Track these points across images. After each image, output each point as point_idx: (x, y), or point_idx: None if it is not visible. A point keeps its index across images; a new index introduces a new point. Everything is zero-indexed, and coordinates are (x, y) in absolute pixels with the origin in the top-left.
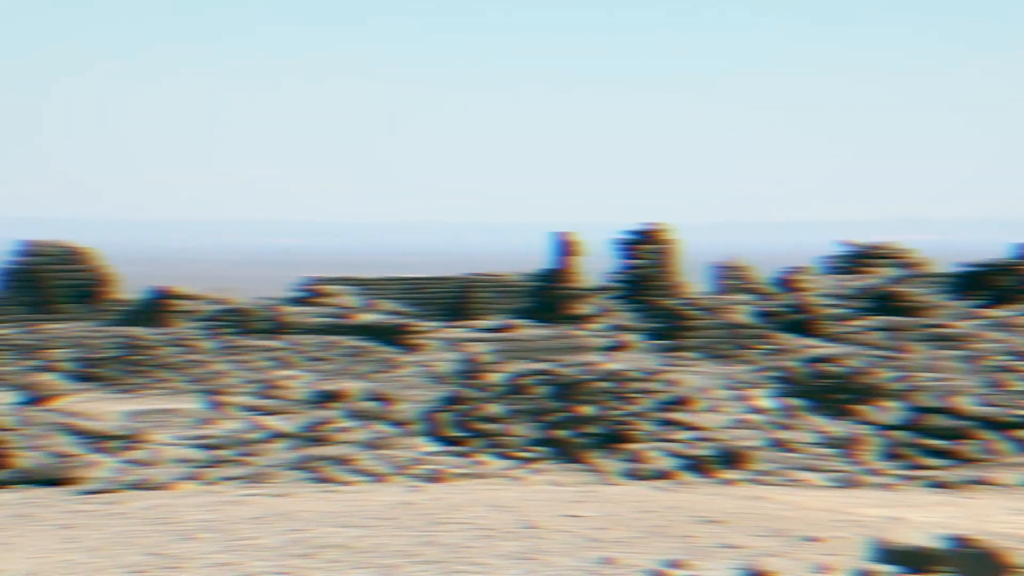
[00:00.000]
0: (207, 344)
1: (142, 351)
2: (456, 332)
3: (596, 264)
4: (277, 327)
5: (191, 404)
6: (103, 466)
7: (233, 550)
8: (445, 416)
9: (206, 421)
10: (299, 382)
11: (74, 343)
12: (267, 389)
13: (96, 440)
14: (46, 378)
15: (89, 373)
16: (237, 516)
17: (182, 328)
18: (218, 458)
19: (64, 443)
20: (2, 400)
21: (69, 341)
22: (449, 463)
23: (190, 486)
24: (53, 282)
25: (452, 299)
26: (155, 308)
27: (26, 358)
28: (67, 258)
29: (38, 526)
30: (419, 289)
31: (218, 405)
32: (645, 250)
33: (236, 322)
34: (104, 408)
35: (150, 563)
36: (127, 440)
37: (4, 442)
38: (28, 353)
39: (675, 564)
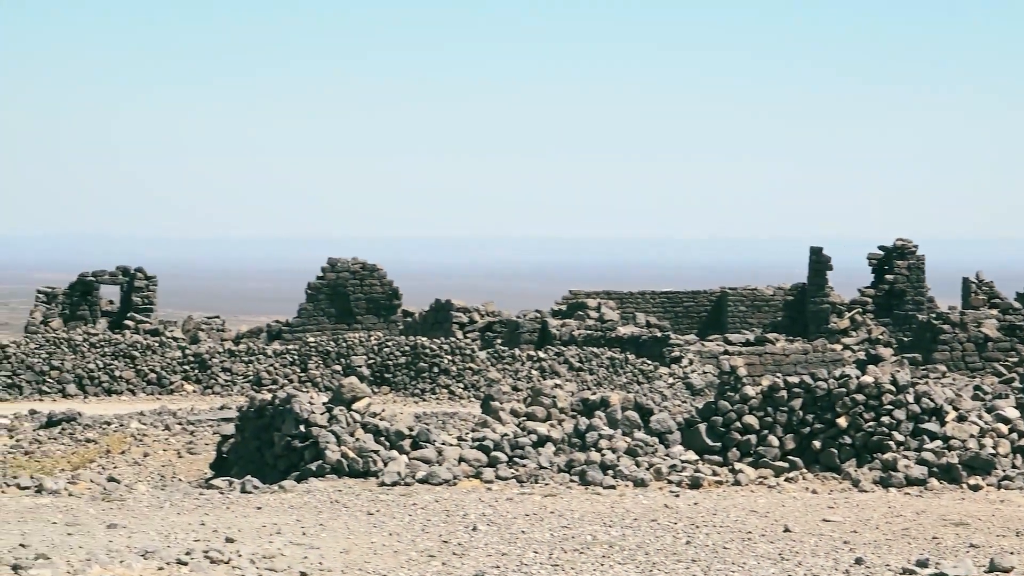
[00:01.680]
0: (481, 353)
1: (426, 359)
2: (712, 345)
3: (851, 279)
4: (543, 338)
5: (469, 409)
6: (398, 462)
7: (510, 542)
8: (703, 426)
9: (482, 425)
10: (564, 391)
11: (370, 351)
12: (535, 397)
13: (391, 439)
14: (349, 381)
15: (384, 378)
16: (512, 512)
17: (460, 338)
18: (494, 459)
19: (366, 440)
20: (315, 401)
21: (367, 349)
22: (707, 471)
23: (470, 483)
24: (353, 295)
25: (708, 312)
26: (437, 319)
27: (333, 363)
28: (364, 273)
29: (347, 511)
30: (676, 302)
31: (492, 410)
32: (897, 265)
33: (506, 333)
34: (397, 410)
35: (441, 548)
36: (416, 440)
37: (318, 438)
38: (334, 359)
39: (923, 563)
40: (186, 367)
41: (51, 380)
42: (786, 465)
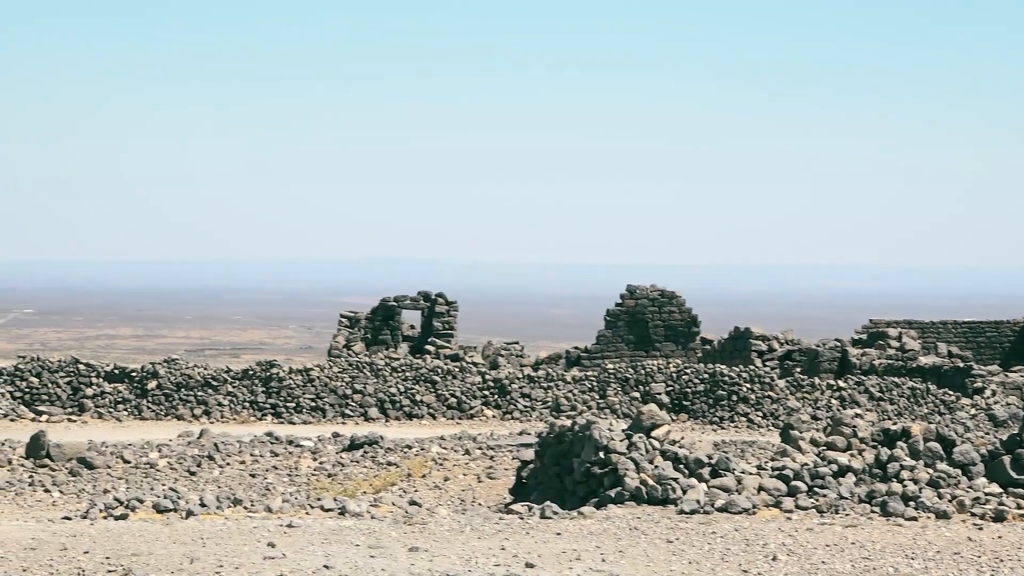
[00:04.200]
0: (780, 382)
1: (725, 387)
2: (1016, 376)
3: None
4: (843, 367)
5: (768, 437)
6: (697, 490)
7: (810, 573)
8: (1007, 458)
9: (782, 454)
10: (864, 421)
11: (669, 378)
12: (835, 426)
13: (690, 467)
14: (648, 408)
15: (682, 405)
16: (813, 543)
17: (759, 366)
18: (794, 488)
19: (665, 468)
20: (614, 427)
21: (665, 376)
22: (1011, 504)
23: (770, 513)
24: (651, 322)
25: (1011, 343)
26: (736, 347)
27: (631, 390)
28: (662, 300)
29: (646, 539)
30: (978, 332)
31: (792, 439)
32: None
33: (805, 361)
34: (695, 438)
35: None
36: (715, 468)
37: (617, 464)
38: (633, 386)
39: None
40: (486, 392)
41: (353, 404)
42: None
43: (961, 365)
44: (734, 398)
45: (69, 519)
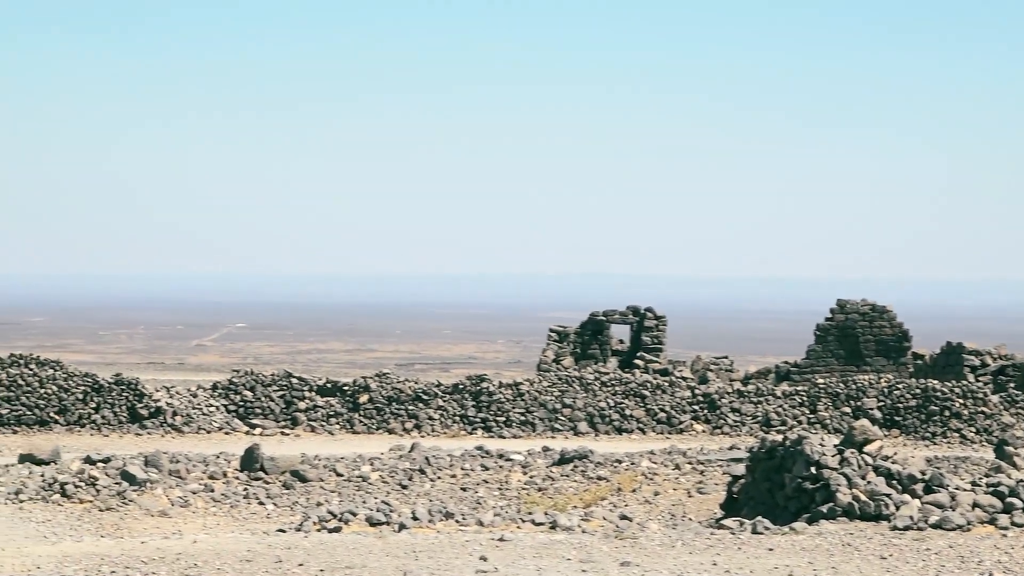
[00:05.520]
0: (994, 397)
1: (937, 402)
2: None
3: None
4: None
5: (982, 453)
6: (910, 506)
7: None
8: None
9: (996, 470)
10: None
11: (881, 393)
12: None
13: (903, 482)
14: (860, 424)
15: (894, 420)
16: None
17: (972, 382)
18: (1009, 505)
19: (877, 483)
20: (826, 442)
21: (877, 391)
22: None
23: (985, 529)
24: (862, 336)
25: None
26: (948, 362)
27: (842, 405)
28: (873, 315)
29: (859, 555)
30: None
31: (1006, 455)
32: None
33: (1019, 377)
34: (907, 453)
35: None
36: (929, 484)
37: (829, 480)
38: (843, 401)
39: None
40: (695, 407)
41: (563, 418)
42: None
43: None
44: (947, 413)
45: (283, 532)
